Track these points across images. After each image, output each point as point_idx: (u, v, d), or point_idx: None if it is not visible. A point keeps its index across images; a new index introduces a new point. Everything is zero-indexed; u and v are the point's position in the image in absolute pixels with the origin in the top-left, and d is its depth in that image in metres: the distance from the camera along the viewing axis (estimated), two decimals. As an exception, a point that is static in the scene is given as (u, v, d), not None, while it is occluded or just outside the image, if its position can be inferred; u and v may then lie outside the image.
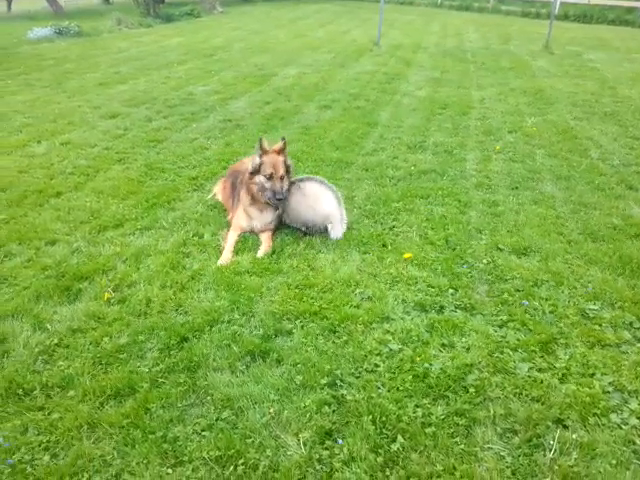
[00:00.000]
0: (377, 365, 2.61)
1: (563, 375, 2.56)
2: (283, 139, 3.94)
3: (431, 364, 2.60)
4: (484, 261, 3.57)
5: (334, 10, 22.92)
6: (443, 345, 2.76)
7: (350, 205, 4.39)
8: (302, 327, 2.91)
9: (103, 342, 2.86)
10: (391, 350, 2.71)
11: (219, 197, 4.51)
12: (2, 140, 6.22)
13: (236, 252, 3.74)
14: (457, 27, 17.68)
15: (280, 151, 3.88)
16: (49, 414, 2.38)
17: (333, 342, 2.79)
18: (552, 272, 3.42)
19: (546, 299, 3.15)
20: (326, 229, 3.77)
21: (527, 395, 2.44)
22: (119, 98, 8.22)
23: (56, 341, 2.89)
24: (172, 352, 2.75)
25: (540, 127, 6.75)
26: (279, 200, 3.76)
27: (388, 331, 2.86)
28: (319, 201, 3.81)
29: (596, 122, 7.06)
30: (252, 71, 10.33)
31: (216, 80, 9.54)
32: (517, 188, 4.83)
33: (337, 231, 3.78)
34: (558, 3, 14.30)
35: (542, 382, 2.50)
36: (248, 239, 3.92)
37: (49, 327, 3.02)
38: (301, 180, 3.95)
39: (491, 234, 3.93)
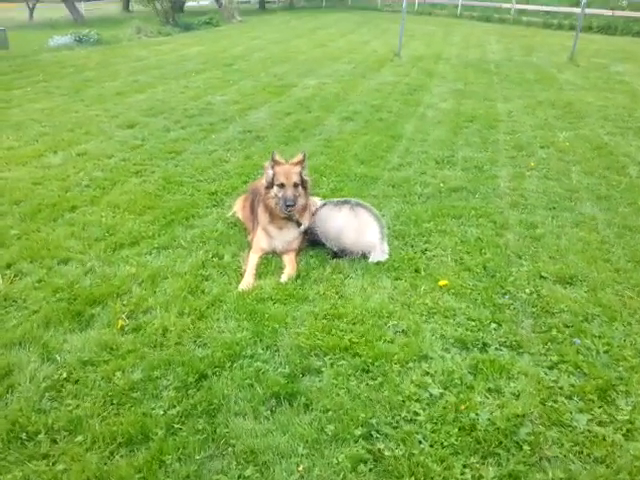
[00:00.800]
0: (417, 413, 2.34)
1: (628, 430, 2.27)
2: (303, 153, 3.73)
3: (478, 414, 2.33)
4: (527, 291, 3.29)
5: (354, 20, 22.83)
6: (489, 390, 2.48)
7: (378, 225, 4.13)
8: (332, 365, 2.65)
9: (115, 377, 2.63)
10: (432, 395, 2.44)
11: (239, 215, 4.29)
12: (18, 150, 6.08)
13: (258, 276, 3.51)
14: (478, 38, 17.43)
15: (298, 163, 3.68)
16: (54, 464, 2.14)
17: (367, 384, 2.53)
18: (603, 305, 3.13)
19: (599, 337, 2.86)
20: (362, 255, 3.60)
21: (589, 455, 2.15)
22: (137, 107, 8.08)
23: (65, 375, 2.66)
24: (190, 391, 2.51)
25: (573, 142, 6.44)
26: (289, 207, 3.54)
27: (427, 372, 2.59)
28: (365, 230, 3.61)
29: (631, 137, 6.74)
30: (271, 81, 10.17)
31: (235, 90, 9.39)
32: (555, 208, 4.54)
33: (379, 256, 3.61)
34: (583, 15, 13.96)
35: (604, 439, 2.22)
36: (271, 261, 3.69)
37: (58, 358, 2.80)
38: (348, 202, 3.73)
39: (532, 260, 3.64)
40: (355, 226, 3.59)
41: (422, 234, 4.01)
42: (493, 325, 2.95)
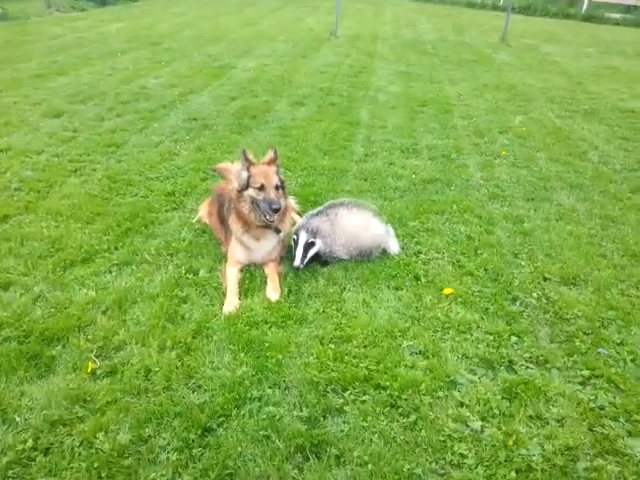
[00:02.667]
0: (463, 455, 2.08)
1: (682, 452, 2.13)
2: (274, 149, 3.33)
3: (528, 449, 2.11)
4: (534, 295, 3.12)
5: (280, -5, 22.02)
6: (531, 418, 2.27)
7: (363, 226, 3.83)
8: (354, 402, 2.33)
9: (98, 441, 2.16)
10: (473, 430, 2.19)
11: (206, 221, 3.82)
12: None
13: (244, 292, 3.09)
14: (408, 17, 17.37)
15: (271, 162, 3.28)
16: None
17: (399, 423, 2.23)
18: (614, 308, 3.02)
19: (621, 344, 2.74)
20: (372, 253, 3.38)
21: (655, 487, 1.99)
22: (61, 93, 7.19)
23: (31, 443, 2.16)
24: (195, 452, 2.10)
25: (529, 127, 6.43)
26: (276, 211, 3.14)
27: (461, 402, 2.34)
28: (372, 224, 3.39)
29: (580, 121, 6.84)
30: (207, 62, 9.48)
31: (169, 72, 8.64)
32: (533, 199, 4.44)
33: (394, 247, 3.46)
34: (510, -6, 14.18)
35: (664, 465, 2.07)
36: (254, 274, 3.28)
37: (18, 419, 2.28)
38: (343, 204, 3.42)
39: (530, 259, 3.49)
40: (365, 224, 3.33)
41: (410, 234, 3.75)
42: (513, 338, 2.75)
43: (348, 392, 2.37)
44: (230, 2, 18.65)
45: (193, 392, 2.40)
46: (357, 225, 3.32)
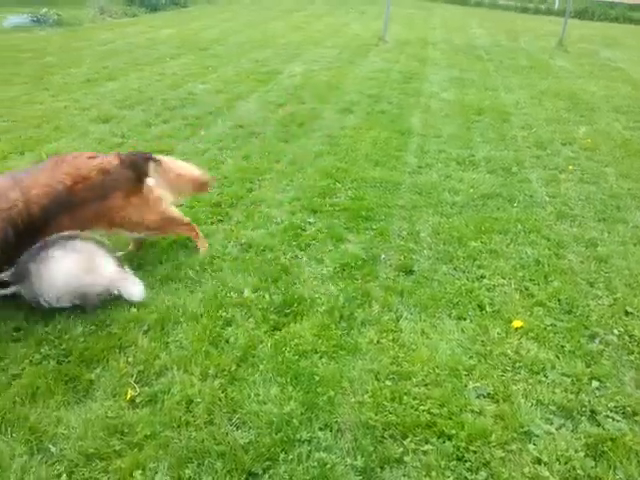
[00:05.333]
0: (548, 528, 1.80)
1: None
2: None
3: (624, 525, 1.80)
4: (615, 332, 2.79)
5: (327, 1, 21.94)
6: (623, 484, 1.96)
7: (418, 245, 3.57)
8: (415, 451, 2.08)
9: (134, 480, 1.99)
10: (555, 495, 1.91)
11: None
12: (-24, 152, 5.22)
13: (293, 317, 2.88)
14: (458, 22, 16.92)
15: None
16: None
17: (469, 481, 1.97)
18: None
19: None
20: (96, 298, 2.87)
21: None
22: (110, 98, 7.21)
23: (65, 478, 2.01)
24: (239, 502, 1.90)
25: (594, 139, 6.00)
26: None
27: (538, 459, 2.05)
28: (96, 265, 2.84)
29: (651, 133, 6.35)
30: (254, 67, 9.39)
31: (216, 77, 8.59)
32: (605, 220, 4.07)
33: (135, 291, 2.95)
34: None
35: None
36: (304, 295, 3.06)
37: (53, 449, 2.14)
38: (60, 239, 2.82)
39: (608, 290, 3.15)
40: (87, 266, 2.82)
41: (472, 256, 3.46)
42: (594, 383, 2.43)
43: (408, 439, 2.12)
44: (276, 8, 18.67)
45: (237, 429, 2.20)
46: (74, 267, 2.79)
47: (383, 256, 3.43)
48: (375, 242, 3.61)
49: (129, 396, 2.36)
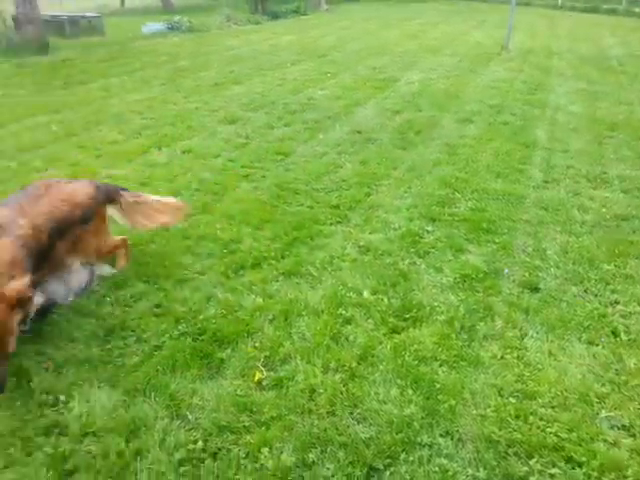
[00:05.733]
0: None
1: None
2: None
3: None
4: None
5: (443, 9, 21.65)
6: None
7: (545, 262, 3.44)
8: (541, 472, 2.02)
9: (262, 456, 2.13)
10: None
11: None
12: (123, 145, 5.81)
13: (412, 322, 2.90)
14: (587, 31, 15.92)
15: None
16: None
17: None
18: None
19: None
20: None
21: None
22: (237, 101, 7.67)
23: (201, 444, 2.19)
24: (361, 492, 1.96)
25: None
26: None
27: (681, 500, 1.91)
28: None
29: None
30: (371, 74, 9.51)
31: (334, 83, 8.81)
32: None
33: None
34: None
35: None
36: (419, 299, 3.07)
37: (190, 416, 2.34)
38: None
39: None
40: None
41: (604, 279, 3.27)
42: None
43: (534, 460, 2.07)
44: (393, 16, 18.75)
45: (358, 423, 2.27)
46: None
47: (506, 270, 3.35)
48: (497, 255, 3.52)
49: (257, 378, 2.52)
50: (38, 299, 2.72)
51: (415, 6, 22.29)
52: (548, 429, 2.19)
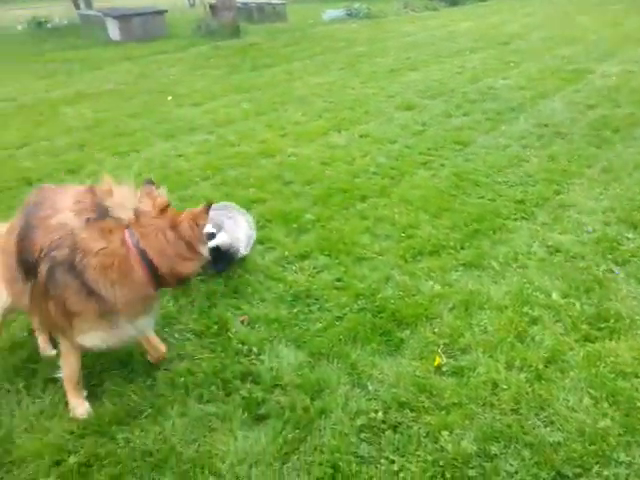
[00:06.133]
0: None
1: None
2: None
3: None
4: None
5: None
6: None
7: None
8: None
9: (442, 438, 2.15)
10: None
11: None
12: (305, 126, 6.14)
13: (609, 333, 2.68)
14: None
15: None
16: None
17: None
18: None
19: None
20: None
21: None
22: (413, 87, 7.65)
23: (381, 415, 2.28)
24: (549, 496, 1.89)
25: None
26: None
27: None
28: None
29: None
30: (559, 65, 8.79)
31: (517, 73, 8.33)
32: None
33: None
34: None
35: None
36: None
37: (370, 387, 2.45)
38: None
39: None
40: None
41: None
42: None
43: None
44: (584, 2, 17.04)
45: (545, 426, 2.18)
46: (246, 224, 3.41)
47: None
48: None
49: (436, 363, 2.54)
50: (224, 237, 3.20)
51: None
52: None
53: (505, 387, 2.37)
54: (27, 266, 2.17)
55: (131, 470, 2.14)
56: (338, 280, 3.26)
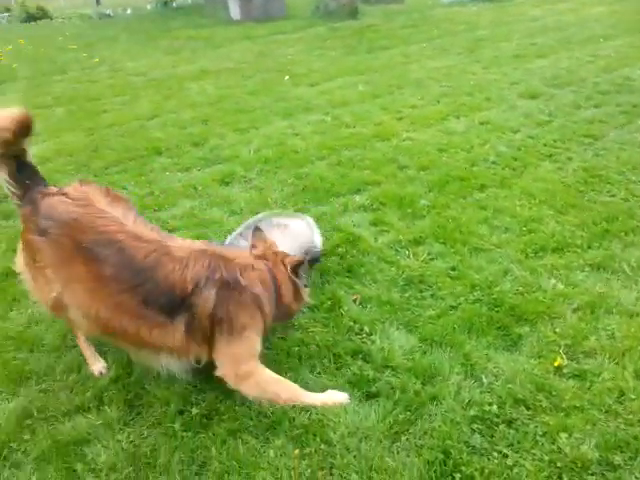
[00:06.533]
0: None
1: None
2: None
3: None
4: None
5: None
6: None
7: None
8: None
9: (560, 440, 2.08)
10: None
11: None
12: (422, 110, 6.05)
13: None
14: None
15: None
16: None
17: None
18: None
19: None
20: None
21: None
22: (539, 75, 7.22)
23: (496, 409, 2.24)
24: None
25: None
26: None
27: None
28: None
29: None
30: None
31: (659, 63, 7.57)
32: None
33: None
34: None
35: None
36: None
37: (484, 379, 2.41)
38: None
39: None
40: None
41: None
42: None
43: None
44: None
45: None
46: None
47: None
48: None
49: (557, 363, 2.44)
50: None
51: None
52: None
53: (633, 397, 2.23)
54: (171, 303, 2.19)
55: (247, 428, 2.28)
56: (453, 269, 3.22)
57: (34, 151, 5.52)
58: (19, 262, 2.53)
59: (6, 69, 9.63)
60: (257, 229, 2.61)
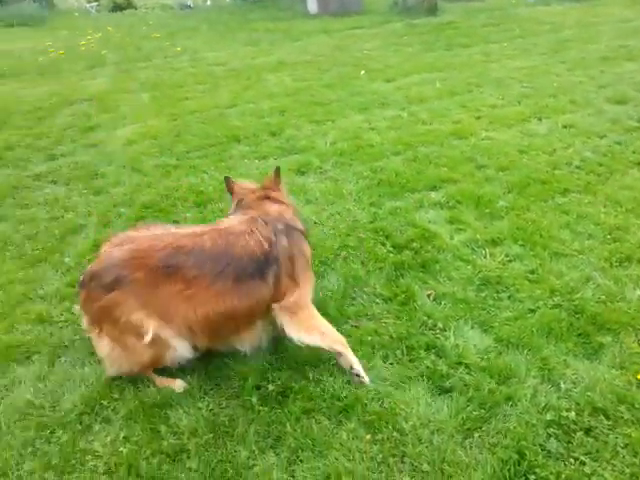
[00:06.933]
0: None
1: None
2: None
3: None
4: None
5: None
6: None
7: None
8: None
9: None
10: None
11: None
12: (502, 110, 5.91)
13: None
14: None
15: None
16: None
17: None
18: None
19: None
20: None
21: None
22: (629, 79, 6.86)
23: (573, 416, 2.20)
24: None
25: None
26: None
27: None
28: None
29: None
30: None
31: None
32: None
33: None
34: None
35: None
36: None
37: (562, 385, 2.37)
38: None
39: None
40: None
41: None
42: None
43: None
44: None
45: None
46: None
47: None
48: None
49: (639, 376, 2.36)
50: None
51: None
52: None
53: None
54: (259, 266, 2.40)
55: (321, 408, 2.35)
56: (532, 272, 3.16)
57: (121, 133, 5.85)
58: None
59: (96, 55, 10.21)
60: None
